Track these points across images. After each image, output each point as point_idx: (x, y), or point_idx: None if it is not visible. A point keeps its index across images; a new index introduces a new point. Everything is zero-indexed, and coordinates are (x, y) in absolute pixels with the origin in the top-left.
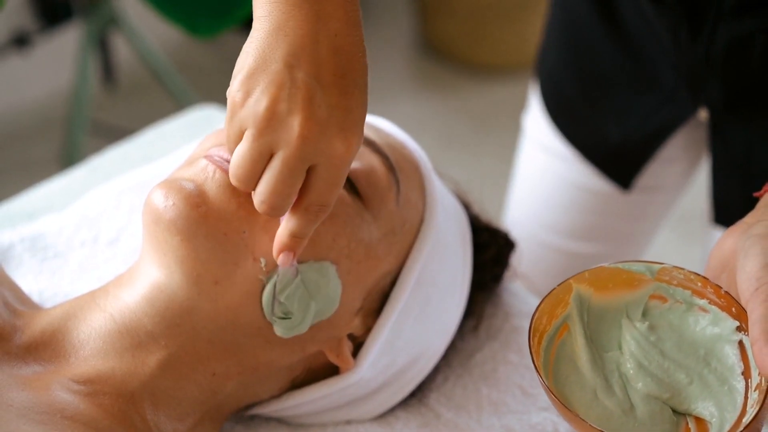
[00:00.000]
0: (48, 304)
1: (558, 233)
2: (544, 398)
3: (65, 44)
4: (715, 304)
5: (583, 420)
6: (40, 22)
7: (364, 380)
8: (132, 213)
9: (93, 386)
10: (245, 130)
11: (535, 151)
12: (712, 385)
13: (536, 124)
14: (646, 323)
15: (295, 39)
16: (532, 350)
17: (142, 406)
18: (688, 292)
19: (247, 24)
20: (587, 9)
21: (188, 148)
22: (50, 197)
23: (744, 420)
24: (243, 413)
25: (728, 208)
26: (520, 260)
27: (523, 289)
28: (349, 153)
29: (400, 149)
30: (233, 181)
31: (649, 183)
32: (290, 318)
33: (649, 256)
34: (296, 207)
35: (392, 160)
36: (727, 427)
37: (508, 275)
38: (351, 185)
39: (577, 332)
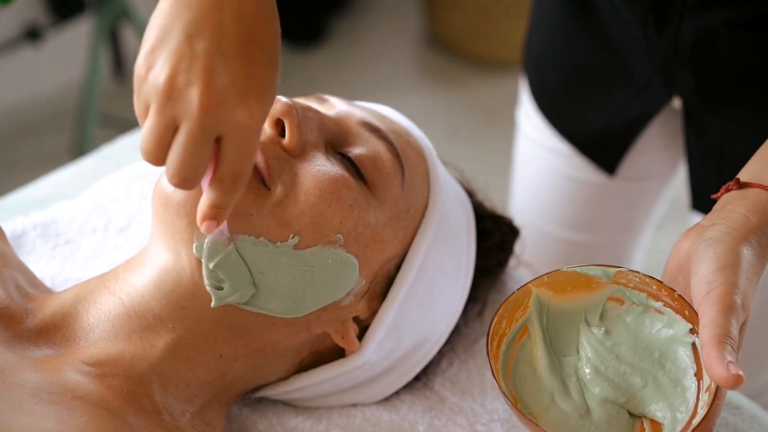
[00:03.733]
0: (60, 290)
1: (556, 223)
2: None
3: (77, 37)
4: (670, 306)
5: (537, 425)
6: (52, 15)
7: (369, 363)
8: (142, 200)
9: (103, 368)
10: (150, 104)
11: (528, 145)
12: (666, 387)
13: (527, 118)
14: (603, 329)
15: (198, 9)
16: (490, 354)
17: (151, 387)
18: (643, 295)
19: None
20: (563, 2)
21: None
22: (62, 185)
23: (693, 421)
24: (250, 395)
25: (705, 196)
26: (524, 248)
27: (527, 275)
28: (253, 120)
29: (405, 136)
30: (143, 155)
31: (637, 172)
32: (222, 289)
33: (651, 247)
34: (213, 177)
35: (397, 146)
36: (679, 428)
37: (512, 262)
38: (356, 170)
39: (536, 336)
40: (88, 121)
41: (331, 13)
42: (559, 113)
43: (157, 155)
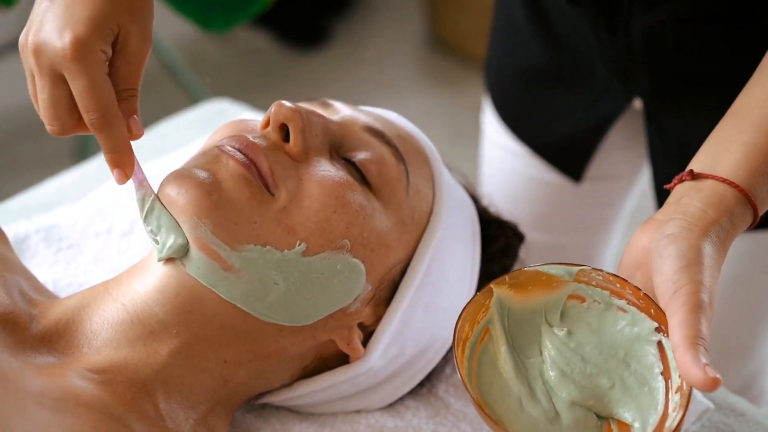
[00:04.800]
0: (63, 294)
1: (523, 225)
2: None
3: None
4: (634, 305)
5: None
6: None
7: (373, 370)
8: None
9: (106, 375)
10: None
11: (492, 148)
12: (633, 387)
13: (490, 123)
14: (565, 329)
15: None
16: (458, 360)
17: (155, 394)
18: (606, 293)
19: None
20: (521, 11)
21: (200, 141)
22: (65, 189)
23: (667, 424)
24: (254, 402)
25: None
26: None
27: None
28: (70, 46)
29: (409, 141)
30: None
31: (603, 172)
32: (157, 242)
33: (622, 248)
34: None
35: (401, 151)
36: (650, 429)
37: (516, 267)
38: (361, 175)
39: (499, 338)
40: None
41: (334, 16)
42: (522, 123)
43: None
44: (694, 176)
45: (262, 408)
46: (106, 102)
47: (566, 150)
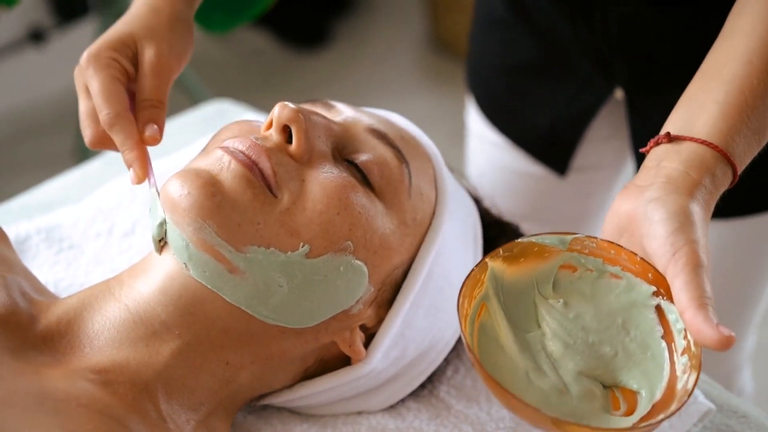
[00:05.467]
0: (64, 295)
1: (509, 217)
2: None
3: (81, 40)
4: (629, 270)
5: (535, 408)
6: (55, 17)
7: (375, 371)
8: (146, 205)
9: (108, 376)
10: None
11: (476, 142)
12: (635, 353)
13: (474, 119)
14: (561, 301)
15: None
16: (466, 335)
17: (156, 395)
18: (599, 260)
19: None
20: (501, 6)
21: (202, 141)
22: (66, 189)
23: (679, 386)
24: (255, 403)
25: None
26: None
27: None
28: (84, 57)
29: (412, 142)
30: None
31: (587, 162)
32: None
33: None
34: None
35: (404, 152)
36: (658, 395)
37: None
38: (363, 177)
39: (497, 313)
40: None
41: (335, 16)
42: (505, 117)
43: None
44: (671, 138)
45: (263, 409)
46: (115, 102)
47: (550, 143)
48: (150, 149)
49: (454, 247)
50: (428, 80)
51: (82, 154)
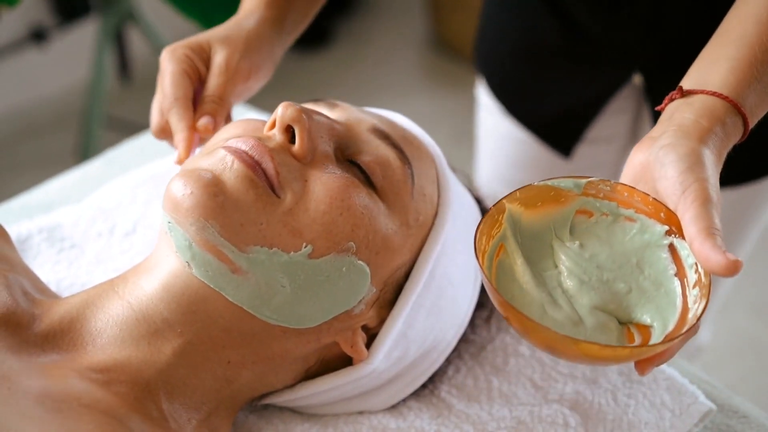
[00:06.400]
0: (65, 294)
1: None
2: (554, 390)
3: (82, 39)
4: (642, 212)
5: (550, 329)
6: (57, 17)
7: (377, 372)
8: (148, 205)
9: (110, 375)
10: None
11: (487, 116)
12: (649, 290)
13: (483, 95)
14: (577, 242)
15: None
16: (483, 269)
17: (158, 394)
18: (614, 204)
19: None
20: None
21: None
22: (67, 189)
23: (690, 316)
24: (257, 402)
25: None
26: None
27: None
28: (163, 52)
29: (414, 142)
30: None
31: (598, 135)
32: None
33: None
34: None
35: (407, 153)
36: (671, 326)
37: None
38: (366, 177)
39: (514, 252)
40: (94, 124)
41: (337, 16)
42: (516, 101)
43: None
44: (684, 93)
45: (264, 408)
46: (177, 90)
47: (558, 126)
48: (152, 148)
49: (456, 247)
50: (430, 80)
51: (82, 154)
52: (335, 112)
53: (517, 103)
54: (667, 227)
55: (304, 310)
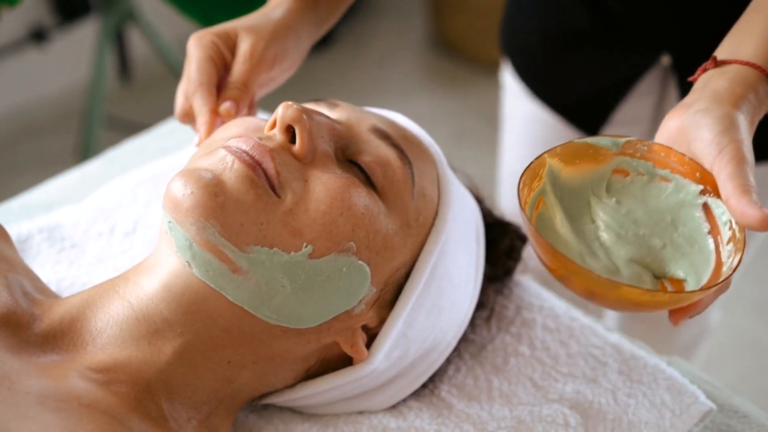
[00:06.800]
0: (65, 294)
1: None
2: (554, 390)
3: (82, 39)
4: (678, 172)
5: (589, 271)
6: (57, 17)
7: (377, 372)
8: (148, 205)
9: (110, 374)
10: None
11: (512, 99)
12: (683, 246)
13: (509, 78)
14: (613, 199)
15: None
16: (526, 215)
17: (158, 394)
18: (650, 164)
19: None
20: None
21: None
22: (67, 189)
23: (724, 269)
24: (257, 402)
25: None
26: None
27: (534, 282)
28: (190, 38)
29: (415, 142)
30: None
31: (624, 117)
32: None
33: None
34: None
35: (407, 153)
36: (705, 280)
37: (519, 269)
38: (367, 177)
39: (554, 206)
40: (94, 124)
41: None
42: (543, 83)
43: None
44: (718, 63)
45: (264, 408)
46: (201, 75)
47: (585, 108)
48: (152, 148)
49: (457, 247)
50: (431, 81)
51: (82, 154)
52: (336, 112)
53: (544, 86)
54: (701, 187)
55: (305, 310)
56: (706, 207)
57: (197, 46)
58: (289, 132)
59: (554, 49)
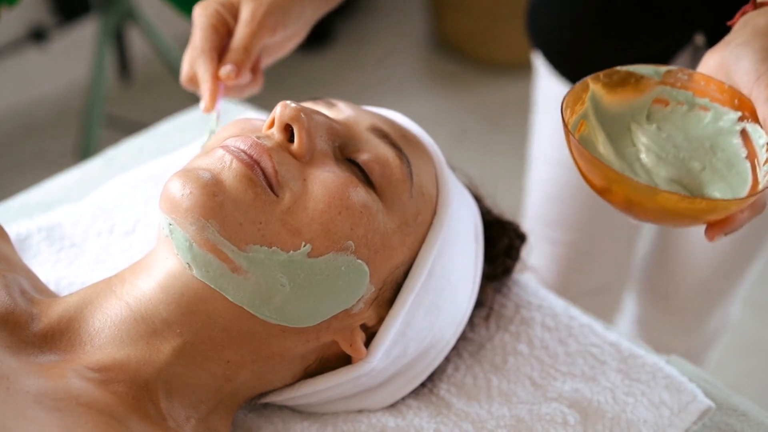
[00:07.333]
0: (64, 293)
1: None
2: (553, 389)
3: (82, 38)
4: (717, 100)
5: (630, 178)
6: (57, 16)
7: (375, 370)
8: (147, 204)
9: (108, 374)
10: None
11: (546, 82)
12: (721, 170)
13: (544, 83)
14: (654, 125)
15: None
16: (569, 129)
17: (157, 394)
18: (690, 93)
19: None
20: None
21: (203, 140)
22: (67, 188)
23: (760, 187)
24: (256, 401)
25: None
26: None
27: (533, 281)
28: (193, 12)
29: (414, 141)
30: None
31: None
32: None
33: None
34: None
35: (406, 152)
36: (745, 192)
37: (518, 267)
38: (365, 176)
39: (596, 129)
40: (94, 123)
41: (338, 16)
42: (577, 67)
43: None
44: (757, 5)
45: (263, 407)
46: (204, 42)
47: None
48: (152, 148)
49: (455, 246)
50: (431, 80)
51: (82, 153)
52: (334, 111)
53: (576, 69)
54: (740, 113)
55: (304, 309)
56: (744, 133)
57: (201, 14)
58: (288, 131)
59: (587, 33)
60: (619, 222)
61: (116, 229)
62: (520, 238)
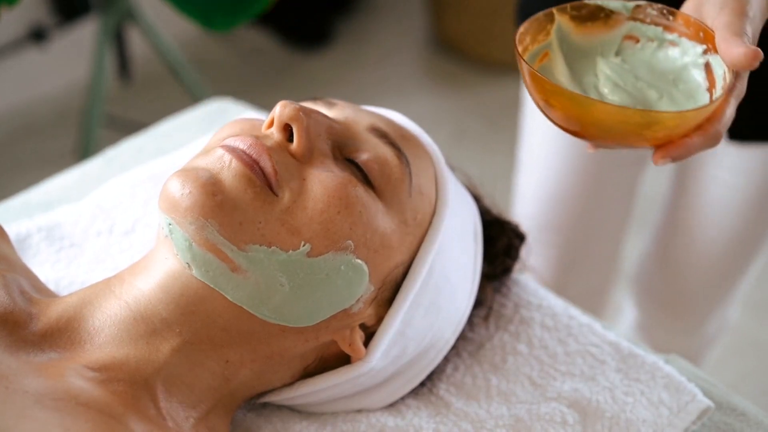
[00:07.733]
0: (64, 293)
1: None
2: (553, 388)
3: (82, 38)
4: (684, 35)
5: (566, 89)
6: (57, 16)
7: (375, 370)
8: (147, 204)
9: (107, 373)
10: None
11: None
12: (679, 100)
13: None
14: (620, 58)
15: None
16: (519, 53)
17: (156, 393)
18: (659, 29)
19: (262, 19)
20: None
21: (203, 139)
22: (66, 188)
23: (714, 98)
24: (255, 401)
25: (737, 122)
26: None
27: (532, 280)
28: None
29: (413, 141)
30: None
31: None
32: None
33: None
34: None
35: (405, 151)
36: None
37: (517, 267)
38: (364, 176)
39: (557, 59)
40: (93, 123)
41: (338, 16)
42: None
43: None
44: None
45: (263, 407)
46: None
47: None
48: (152, 148)
49: (455, 246)
50: (430, 80)
51: (82, 153)
52: (333, 111)
53: None
54: (705, 46)
55: (303, 308)
56: (707, 66)
57: None
58: (287, 131)
59: None
60: (608, 223)
61: (116, 228)
62: (520, 237)
